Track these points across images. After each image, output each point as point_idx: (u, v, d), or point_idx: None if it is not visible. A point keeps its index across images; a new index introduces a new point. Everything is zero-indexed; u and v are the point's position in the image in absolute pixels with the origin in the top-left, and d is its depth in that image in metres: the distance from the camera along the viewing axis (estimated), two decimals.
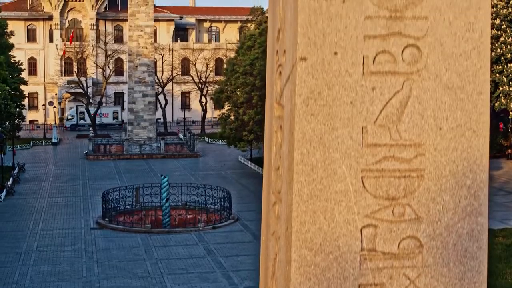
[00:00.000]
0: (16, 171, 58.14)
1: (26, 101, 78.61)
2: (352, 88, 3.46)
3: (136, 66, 70.07)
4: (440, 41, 3.50)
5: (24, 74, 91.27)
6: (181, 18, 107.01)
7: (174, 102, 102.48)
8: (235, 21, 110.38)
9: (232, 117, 50.81)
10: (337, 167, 3.47)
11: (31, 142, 78.51)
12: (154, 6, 74.64)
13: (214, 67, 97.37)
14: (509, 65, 54.94)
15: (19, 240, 37.09)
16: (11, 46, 75.86)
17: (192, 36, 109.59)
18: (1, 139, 52.30)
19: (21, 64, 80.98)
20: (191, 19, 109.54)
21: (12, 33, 68.89)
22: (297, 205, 3.47)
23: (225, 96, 50.93)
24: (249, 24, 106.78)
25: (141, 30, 69.86)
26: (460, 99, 3.54)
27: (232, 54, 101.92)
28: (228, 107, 51.84)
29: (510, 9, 55.09)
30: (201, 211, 43.12)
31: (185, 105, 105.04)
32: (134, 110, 70.62)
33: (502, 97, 56.06)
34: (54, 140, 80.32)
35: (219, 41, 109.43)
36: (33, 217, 42.87)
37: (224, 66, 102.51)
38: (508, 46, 54.50)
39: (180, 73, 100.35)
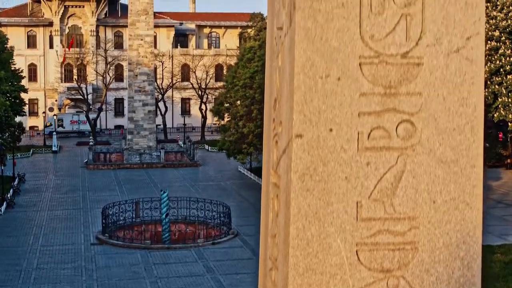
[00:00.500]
0: (16, 182, 58.26)
1: (26, 107, 78.89)
2: (347, 163, 3.53)
3: (136, 75, 70.19)
4: (434, 116, 3.57)
5: (24, 80, 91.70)
6: (181, 24, 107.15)
7: (174, 108, 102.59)
8: (235, 27, 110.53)
9: (231, 129, 50.94)
10: (332, 241, 3.54)
11: (31, 150, 78.63)
12: (154, 12, 74.71)
13: (214, 74, 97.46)
14: (508, 76, 54.99)
15: (20, 256, 37.20)
16: (10, 55, 75.98)
17: (192, 42, 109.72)
18: (1, 151, 52.42)
19: (21, 71, 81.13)
20: (191, 25, 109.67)
21: (12, 48, 68.89)
22: (292, 278, 3.54)
23: (224, 108, 51.06)
24: (249, 30, 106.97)
25: (141, 39, 69.99)
26: (454, 173, 3.61)
27: (232, 61, 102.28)
28: (228, 119, 51.95)
29: (509, 21, 55.16)
30: (201, 225, 43.27)
31: (185, 111, 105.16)
32: (134, 119, 70.75)
33: (501, 108, 56.13)
34: (54, 148, 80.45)
35: (219, 47, 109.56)
36: (33, 231, 42.99)
37: (225, 72, 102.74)
38: (508, 58, 54.54)
39: (180, 79, 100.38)
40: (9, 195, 52.18)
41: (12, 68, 75.35)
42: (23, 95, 76.14)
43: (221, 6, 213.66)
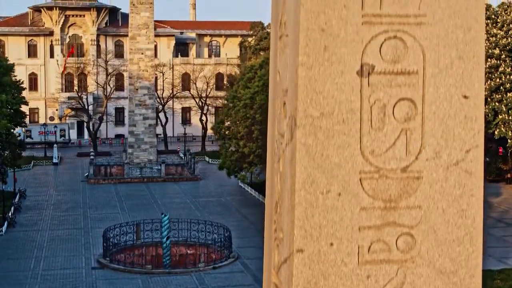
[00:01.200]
0: (17, 198, 58.40)
1: (27, 116, 79.04)
2: (348, 277, 3.59)
3: (137, 89, 70.32)
4: (433, 228, 3.62)
5: (25, 90, 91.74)
6: (181, 33, 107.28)
7: (174, 117, 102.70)
8: (236, 35, 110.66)
9: (232, 148, 51.08)
10: None
11: (32, 162, 78.71)
12: (154, 21, 74.72)
13: (214, 85, 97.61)
14: (508, 94, 55.17)
15: (21, 282, 37.31)
16: (11, 67, 76.09)
17: (193, 51, 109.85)
18: (3, 169, 52.58)
19: (22, 83, 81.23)
20: (192, 34, 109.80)
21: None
22: None
23: (225, 127, 51.23)
24: (249, 39, 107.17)
25: (142, 53, 70.11)
26: (453, 283, 3.66)
27: (233, 70, 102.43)
28: (229, 137, 52.10)
29: (509, 39, 55.30)
30: (202, 247, 43.40)
31: (186, 121, 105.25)
32: (135, 133, 70.87)
33: (502, 125, 56.31)
34: (55, 160, 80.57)
35: (219, 56, 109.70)
36: (34, 254, 43.10)
37: (225, 82, 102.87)
38: (508, 76, 54.71)
39: (180, 89, 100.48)
40: (10, 214, 52.30)
41: (13, 79, 75.74)
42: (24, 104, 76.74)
43: (221, 13, 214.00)
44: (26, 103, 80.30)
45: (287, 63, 3.90)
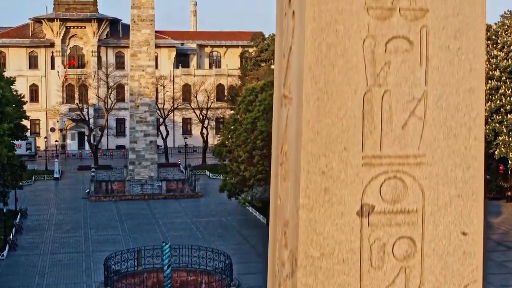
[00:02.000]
0: (18, 218, 58.54)
1: (28, 130, 79.32)
2: None
3: (138, 106, 70.42)
4: None
5: (25, 98, 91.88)
6: (182, 44, 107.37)
7: (175, 128, 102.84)
8: (236, 46, 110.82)
9: (233, 171, 51.20)
10: None
11: (33, 178, 78.81)
12: (155, 31, 74.70)
13: (215, 98, 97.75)
14: (508, 115, 55.25)
15: None
16: (12, 82, 76.36)
17: (194, 62, 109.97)
18: (4, 192, 52.76)
19: (23, 96, 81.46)
20: (192, 45, 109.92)
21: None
22: None
23: (226, 150, 51.36)
24: (250, 50, 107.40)
25: (143, 70, 70.21)
26: None
27: (234, 82, 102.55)
28: (230, 160, 52.23)
29: (510, 61, 55.38)
30: (202, 273, 43.50)
31: (187, 131, 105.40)
32: (136, 150, 70.99)
33: (502, 146, 56.41)
34: (56, 175, 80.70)
35: (220, 67, 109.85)
36: (35, 281, 43.22)
37: (225, 93, 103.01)
38: (508, 98, 54.80)
39: (181, 101, 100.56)
40: (11, 236, 52.42)
41: (14, 93, 75.93)
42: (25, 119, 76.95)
43: (222, 22, 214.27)
44: (27, 118, 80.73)
45: (288, 194, 3.99)
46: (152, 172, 71.40)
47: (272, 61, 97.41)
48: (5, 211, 53.88)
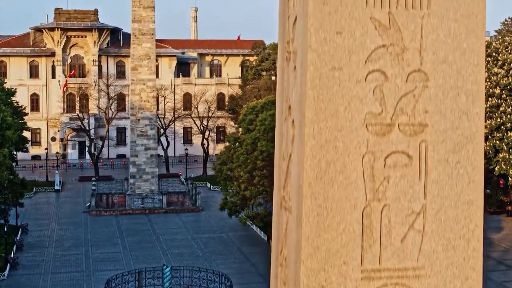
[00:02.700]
0: (19, 235, 58.60)
1: (29, 142, 79.56)
2: None
3: (138, 120, 70.48)
4: None
5: (25, 109, 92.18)
6: (183, 53, 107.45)
7: (176, 137, 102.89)
8: (237, 55, 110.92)
9: (233, 189, 51.32)
10: None
11: (34, 190, 78.86)
12: (156, 40, 74.68)
13: (216, 108, 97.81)
14: (509, 133, 55.30)
15: None
16: (12, 92, 76.62)
17: (194, 70, 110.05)
18: (4, 210, 52.90)
19: (24, 108, 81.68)
20: (193, 54, 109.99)
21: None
22: None
23: (226, 168, 51.48)
24: (251, 59, 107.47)
25: (143, 84, 70.28)
26: None
27: (234, 90, 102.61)
28: (230, 178, 52.32)
29: (510, 79, 55.42)
30: None
31: (187, 140, 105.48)
32: (137, 163, 71.05)
33: (502, 163, 56.47)
34: (56, 187, 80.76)
35: (221, 75, 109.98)
36: None
37: (226, 103, 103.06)
38: (508, 116, 54.85)
39: (182, 109, 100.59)
40: (12, 254, 52.48)
41: (14, 105, 76.09)
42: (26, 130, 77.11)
43: (223, 31, 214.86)
44: (28, 129, 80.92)
45: None
46: (153, 185, 71.46)
47: (272, 71, 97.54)
48: (6, 229, 53.96)
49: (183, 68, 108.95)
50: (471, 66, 4.03)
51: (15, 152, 66.10)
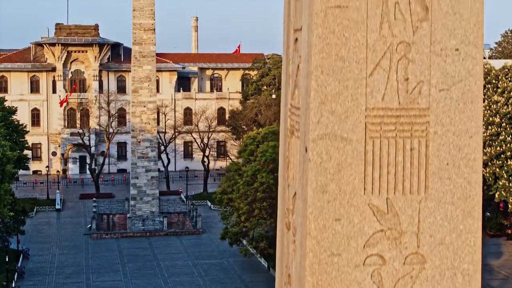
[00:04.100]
0: (20, 261, 58.74)
1: (29, 160, 79.75)
2: None
3: (139, 142, 70.62)
4: None
5: (26, 122, 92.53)
6: (183, 68, 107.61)
7: (176, 151, 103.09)
8: (238, 68, 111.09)
9: (234, 218, 51.49)
10: None
11: (35, 209, 79.03)
12: (156, 53, 74.78)
13: (216, 125, 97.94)
14: (509, 161, 55.41)
15: None
16: (12, 111, 76.86)
17: (195, 85, 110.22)
18: (5, 238, 53.08)
19: (25, 126, 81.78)
20: (194, 68, 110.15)
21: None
22: None
23: (227, 197, 51.66)
24: (251, 72, 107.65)
25: (144, 106, 70.42)
26: None
27: (235, 104, 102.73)
28: (231, 207, 52.50)
29: (510, 107, 55.54)
30: None
31: (188, 155, 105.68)
32: (137, 185, 71.19)
33: (502, 190, 56.58)
34: (57, 206, 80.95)
35: (221, 90, 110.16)
36: None
37: (227, 118, 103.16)
38: (508, 145, 54.95)
39: (182, 124, 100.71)
40: (13, 284, 52.62)
41: (15, 122, 76.25)
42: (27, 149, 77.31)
43: (223, 46, 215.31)
44: (29, 148, 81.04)
45: None
46: (153, 207, 71.62)
47: (272, 87, 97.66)
48: (7, 257, 54.06)
49: (183, 82, 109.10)
50: (468, 247, 4.20)
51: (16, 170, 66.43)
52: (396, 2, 4.35)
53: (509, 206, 57.36)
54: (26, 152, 76.47)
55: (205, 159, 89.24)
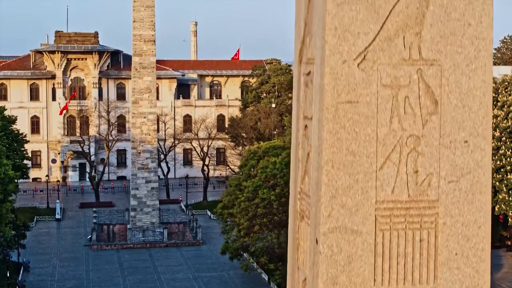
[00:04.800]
0: (21, 274, 58.76)
1: (29, 169, 79.80)
2: None
3: (139, 153, 70.69)
4: None
5: (26, 131, 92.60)
6: (183, 75, 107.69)
7: (176, 158, 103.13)
8: (237, 76, 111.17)
9: (234, 232, 51.60)
10: None
11: (35, 219, 79.08)
12: (156, 61, 74.88)
13: (216, 133, 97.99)
14: (509, 175, 55.52)
15: None
16: (12, 120, 76.99)
17: (194, 92, 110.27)
18: (7, 255, 53.18)
19: (25, 136, 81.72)
20: (193, 75, 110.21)
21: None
22: None
23: (227, 212, 51.80)
24: (251, 79, 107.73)
25: (144, 117, 70.49)
26: None
27: (234, 112, 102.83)
28: (231, 222, 52.61)
29: (510, 121, 55.65)
30: None
31: (187, 162, 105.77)
32: (137, 196, 71.26)
33: (502, 203, 56.68)
34: (57, 216, 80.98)
35: (221, 96, 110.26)
36: None
37: (226, 125, 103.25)
38: (508, 159, 55.05)
39: (182, 132, 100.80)
40: None
41: (15, 132, 76.31)
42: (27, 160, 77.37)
43: (222, 52, 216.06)
44: (29, 158, 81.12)
45: None
46: (153, 218, 71.70)
47: (272, 95, 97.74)
48: (8, 272, 54.14)
49: (183, 89, 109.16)
50: None
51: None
52: (406, 96, 4.46)
53: (509, 220, 57.44)
54: (25, 162, 76.48)
55: (205, 168, 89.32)
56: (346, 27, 4.26)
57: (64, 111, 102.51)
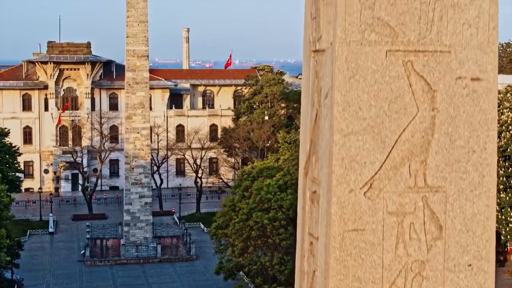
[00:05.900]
0: None
1: (22, 182, 79.72)
2: None
3: (133, 168, 70.72)
4: None
5: (18, 141, 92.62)
6: (176, 85, 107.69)
7: (169, 171, 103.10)
8: (230, 85, 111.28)
9: (229, 252, 51.61)
10: None
11: (28, 232, 78.98)
12: (149, 70, 74.74)
13: (209, 144, 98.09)
14: (501, 194, 55.86)
15: None
16: (6, 133, 77.03)
17: (187, 101, 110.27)
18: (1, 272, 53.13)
19: (18, 149, 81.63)
20: (186, 85, 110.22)
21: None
22: None
23: (221, 232, 51.87)
24: (244, 89, 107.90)
25: (138, 132, 70.54)
26: None
27: (227, 122, 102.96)
28: (226, 242, 52.66)
29: (502, 141, 55.98)
30: None
31: (180, 172, 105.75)
32: (131, 211, 71.29)
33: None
34: (50, 229, 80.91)
35: (213, 106, 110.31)
36: None
37: (219, 135, 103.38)
38: (501, 178, 55.36)
39: (175, 142, 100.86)
40: None
41: (8, 144, 76.31)
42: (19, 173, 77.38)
43: (215, 53, 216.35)
44: (22, 171, 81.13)
45: None
46: (147, 233, 71.75)
47: (264, 105, 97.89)
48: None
49: (175, 99, 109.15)
50: None
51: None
52: (412, 223, 4.59)
53: (502, 237, 57.80)
54: (18, 175, 76.42)
55: (198, 180, 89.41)
56: (353, 157, 4.34)
57: (56, 121, 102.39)
